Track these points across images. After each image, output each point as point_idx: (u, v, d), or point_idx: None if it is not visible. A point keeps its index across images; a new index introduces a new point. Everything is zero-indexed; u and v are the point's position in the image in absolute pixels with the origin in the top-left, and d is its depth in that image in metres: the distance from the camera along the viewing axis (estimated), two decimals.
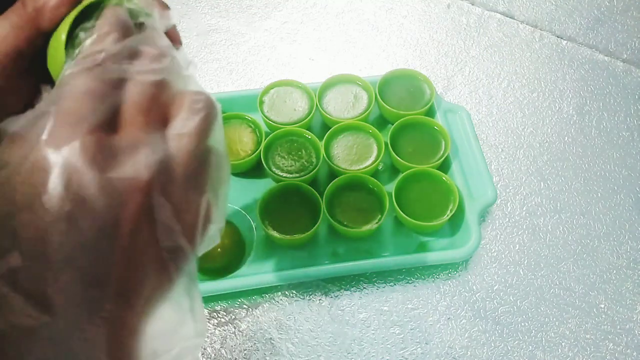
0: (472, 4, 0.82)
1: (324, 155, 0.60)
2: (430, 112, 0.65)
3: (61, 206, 0.19)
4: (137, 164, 0.20)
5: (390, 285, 0.57)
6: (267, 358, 0.53)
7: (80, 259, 0.19)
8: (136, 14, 0.26)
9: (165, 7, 0.28)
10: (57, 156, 0.19)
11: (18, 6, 0.26)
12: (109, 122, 0.21)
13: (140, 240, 0.20)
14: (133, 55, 0.23)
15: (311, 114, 0.64)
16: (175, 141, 0.22)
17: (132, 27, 0.25)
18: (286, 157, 0.62)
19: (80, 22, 0.25)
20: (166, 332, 0.22)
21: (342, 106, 0.65)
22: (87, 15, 0.26)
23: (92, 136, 0.20)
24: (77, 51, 0.24)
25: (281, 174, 0.60)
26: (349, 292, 0.57)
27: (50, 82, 0.27)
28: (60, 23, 0.26)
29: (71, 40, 0.25)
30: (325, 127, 0.65)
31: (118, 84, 0.22)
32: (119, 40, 0.23)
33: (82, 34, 0.25)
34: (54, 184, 0.19)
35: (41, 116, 0.20)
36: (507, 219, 0.62)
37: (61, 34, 0.25)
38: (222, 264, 0.53)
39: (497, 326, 0.55)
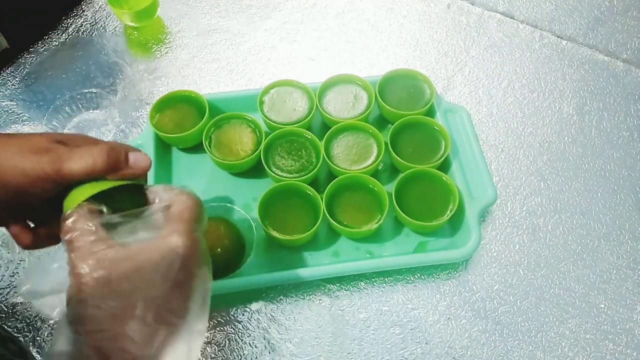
0: (472, 4, 0.82)
1: (324, 155, 0.60)
2: (430, 112, 0.65)
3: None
4: None
5: (390, 285, 0.57)
6: (267, 358, 0.53)
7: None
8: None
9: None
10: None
11: (103, 150, 0.36)
12: None
13: None
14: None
15: (311, 114, 0.64)
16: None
17: None
18: (286, 157, 0.61)
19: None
20: None
21: (342, 106, 0.65)
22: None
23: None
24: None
25: (281, 174, 0.60)
26: (349, 292, 0.57)
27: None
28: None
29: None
30: (325, 127, 0.65)
31: None
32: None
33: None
34: None
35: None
36: (507, 219, 0.62)
37: (84, 195, 0.35)
38: (222, 264, 0.53)
39: (497, 326, 0.55)
